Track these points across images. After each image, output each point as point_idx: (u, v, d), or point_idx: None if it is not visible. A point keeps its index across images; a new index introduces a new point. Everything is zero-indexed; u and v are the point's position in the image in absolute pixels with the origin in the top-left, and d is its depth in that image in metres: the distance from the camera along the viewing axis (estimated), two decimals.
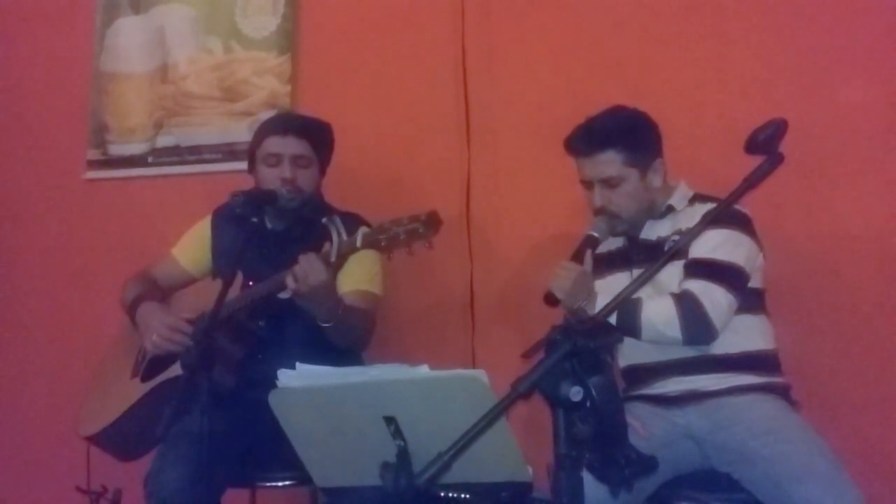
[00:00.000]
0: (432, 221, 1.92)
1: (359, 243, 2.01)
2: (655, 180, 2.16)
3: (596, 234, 2.16)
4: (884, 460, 2.28)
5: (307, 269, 2.03)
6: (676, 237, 2.09)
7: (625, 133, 2.12)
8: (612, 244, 2.27)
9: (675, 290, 2.04)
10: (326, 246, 2.07)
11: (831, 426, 2.00)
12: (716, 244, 2.01)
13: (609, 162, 2.12)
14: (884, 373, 2.35)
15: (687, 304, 1.97)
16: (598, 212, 2.16)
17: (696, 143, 2.39)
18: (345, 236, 2.05)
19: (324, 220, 2.12)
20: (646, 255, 2.14)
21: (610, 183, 2.13)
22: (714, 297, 1.97)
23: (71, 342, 3.20)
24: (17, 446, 3.29)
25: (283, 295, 2.12)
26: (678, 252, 1.97)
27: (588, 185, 2.19)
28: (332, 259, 2.04)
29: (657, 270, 1.58)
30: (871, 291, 2.39)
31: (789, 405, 2.04)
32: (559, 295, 2.06)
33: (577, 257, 2.12)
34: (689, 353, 2.04)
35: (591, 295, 2.07)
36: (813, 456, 1.81)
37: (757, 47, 2.56)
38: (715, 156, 2.41)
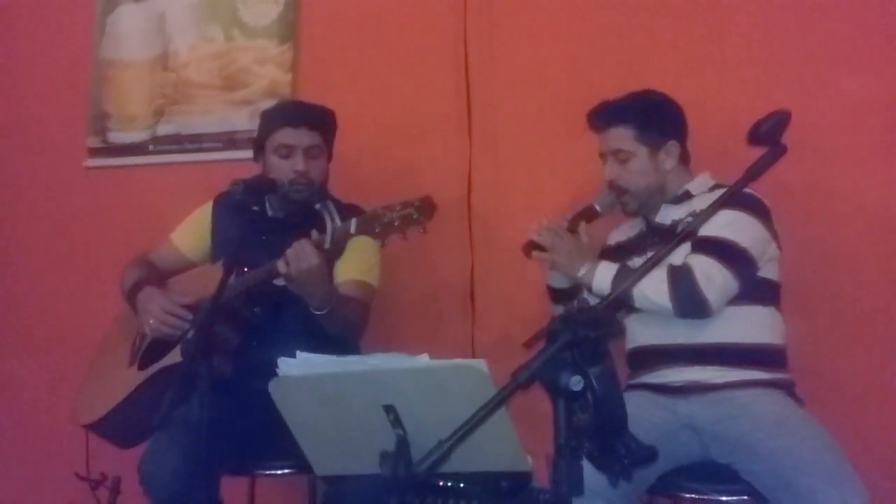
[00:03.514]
0: (426, 206, 1.93)
1: (353, 229, 2.02)
2: (667, 161, 2.18)
3: (597, 207, 2.21)
4: (889, 457, 2.27)
5: (298, 254, 2.03)
6: (690, 219, 2.10)
7: (638, 110, 2.18)
8: (631, 231, 2.30)
9: None
10: (314, 232, 2.07)
11: (835, 423, 1.99)
12: (722, 224, 2.00)
13: (620, 136, 2.17)
14: (888, 370, 2.35)
15: (679, 275, 1.99)
16: (610, 186, 2.21)
17: (698, 133, 2.37)
18: (338, 222, 2.05)
19: (317, 205, 2.11)
20: (659, 239, 2.15)
21: (620, 157, 2.18)
22: (708, 271, 1.97)
23: (71, 330, 3.20)
24: (17, 433, 3.30)
25: (280, 282, 2.12)
26: (690, 234, 1.97)
27: (603, 158, 2.23)
28: (326, 245, 2.05)
29: (668, 252, 1.57)
30: (874, 286, 2.39)
31: (794, 401, 2.03)
32: (558, 263, 2.11)
33: (572, 224, 2.17)
34: (694, 339, 2.05)
35: (585, 260, 2.09)
36: (818, 449, 1.81)
37: (760, 38, 2.56)
38: (717, 146, 2.41)
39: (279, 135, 2.34)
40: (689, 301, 1.97)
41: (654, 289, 1.99)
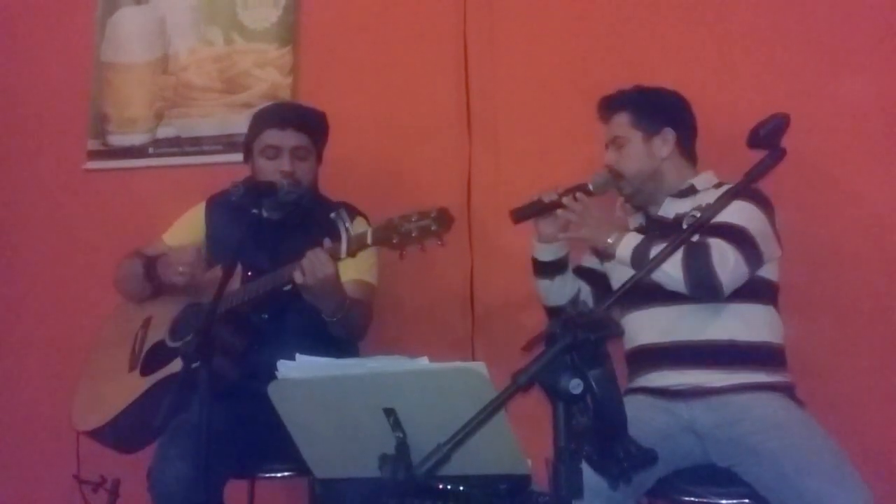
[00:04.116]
0: (443, 218, 1.92)
1: (370, 240, 2.01)
2: (663, 149, 2.21)
3: (590, 186, 2.24)
4: (889, 458, 2.27)
5: (314, 263, 2.03)
6: (696, 213, 2.11)
7: (638, 98, 2.24)
8: (631, 225, 2.30)
9: None
10: (326, 241, 2.06)
11: (836, 424, 1.99)
12: (731, 211, 2.00)
13: (619, 123, 2.25)
14: (888, 371, 2.35)
15: (693, 249, 1.98)
16: (610, 172, 2.25)
17: (698, 136, 2.38)
18: (352, 231, 2.05)
19: (332, 214, 2.11)
20: (661, 232, 2.16)
21: (617, 143, 2.24)
22: (722, 250, 1.96)
23: (70, 332, 3.19)
24: (16, 435, 3.29)
25: (287, 287, 2.12)
26: (700, 226, 1.97)
27: (607, 147, 2.28)
28: (342, 255, 2.04)
29: (679, 245, 1.57)
30: (874, 287, 2.39)
31: (795, 403, 2.03)
32: (586, 234, 2.13)
33: (561, 198, 2.20)
34: (693, 337, 2.05)
35: (613, 228, 2.10)
36: (820, 451, 1.81)
37: (760, 40, 2.56)
38: (716, 150, 2.41)
39: (265, 136, 2.34)
40: (701, 279, 1.96)
41: (669, 261, 1.93)
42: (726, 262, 1.96)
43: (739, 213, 2.01)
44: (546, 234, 2.28)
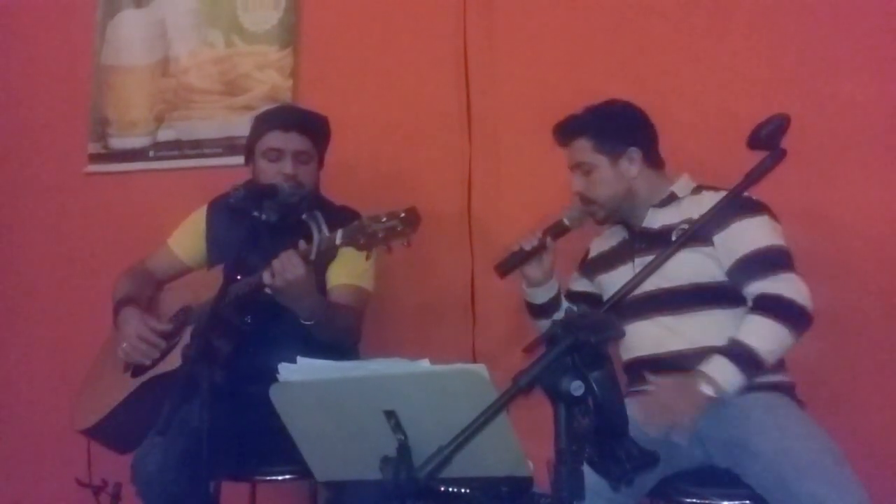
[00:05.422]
0: (411, 219, 1.90)
1: (338, 241, 2.00)
2: (631, 169, 2.18)
3: (566, 221, 2.24)
4: (889, 460, 2.27)
5: (285, 265, 2.01)
6: (685, 226, 2.08)
7: (595, 122, 2.19)
8: (614, 239, 2.29)
9: (685, 278, 2.03)
10: (301, 243, 2.05)
11: (835, 425, 1.99)
12: (756, 231, 1.99)
13: (581, 149, 2.20)
14: (888, 373, 2.35)
15: (765, 302, 1.94)
16: (580, 198, 2.23)
17: (699, 137, 2.39)
18: (326, 232, 2.04)
19: (304, 215, 2.09)
20: (648, 244, 2.14)
21: (583, 169, 2.20)
22: (790, 282, 1.95)
23: (71, 336, 3.20)
24: (18, 439, 3.29)
25: (264, 289, 2.11)
26: (690, 239, 1.95)
27: (572, 172, 2.25)
28: (311, 257, 2.03)
29: (668, 257, 1.56)
30: (875, 289, 2.39)
31: (795, 403, 2.03)
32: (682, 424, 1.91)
33: (542, 240, 2.20)
34: (693, 344, 2.03)
35: (693, 391, 1.93)
36: (818, 452, 1.80)
37: (760, 41, 2.56)
38: (717, 150, 2.41)
39: (268, 138, 2.33)
40: (797, 320, 1.93)
41: (768, 337, 1.91)
42: (799, 288, 1.94)
43: (763, 231, 2.00)
44: (535, 279, 2.26)
